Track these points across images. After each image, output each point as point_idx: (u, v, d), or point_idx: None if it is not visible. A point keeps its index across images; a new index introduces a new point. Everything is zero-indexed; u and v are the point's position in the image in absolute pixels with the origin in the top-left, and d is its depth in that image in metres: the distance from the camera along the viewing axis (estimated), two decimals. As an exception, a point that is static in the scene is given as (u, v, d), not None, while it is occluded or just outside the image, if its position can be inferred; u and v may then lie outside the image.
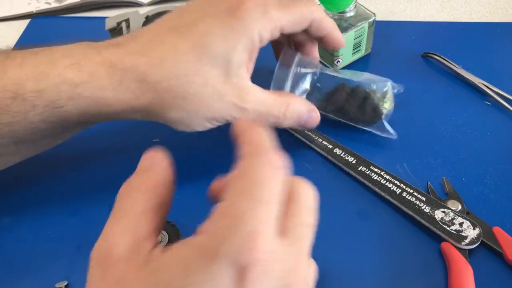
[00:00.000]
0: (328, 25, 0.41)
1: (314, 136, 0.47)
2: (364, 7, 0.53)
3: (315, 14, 0.40)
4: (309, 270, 0.27)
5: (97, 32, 0.59)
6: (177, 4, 0.58)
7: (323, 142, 0.46)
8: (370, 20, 0.52)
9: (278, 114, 0.39)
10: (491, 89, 0.50)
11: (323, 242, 0.40)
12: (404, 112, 0.49)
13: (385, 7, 0.63)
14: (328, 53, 0.53)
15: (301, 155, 0.46)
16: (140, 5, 0.66)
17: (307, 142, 0.47)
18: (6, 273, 0.39)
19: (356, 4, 0.52)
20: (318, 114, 0.42)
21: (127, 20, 0.56)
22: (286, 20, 0.37)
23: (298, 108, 0.40)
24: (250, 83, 0.38)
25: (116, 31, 0.56)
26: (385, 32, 0.58)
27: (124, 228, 0.26)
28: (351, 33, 0.51)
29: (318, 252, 0.39)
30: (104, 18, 0.58)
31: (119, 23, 0.56)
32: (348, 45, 0.52)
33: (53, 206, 0.43)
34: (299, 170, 0.44)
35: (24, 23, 0.65)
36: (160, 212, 0.28)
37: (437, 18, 0.61)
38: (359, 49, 0.54)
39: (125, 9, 0.66)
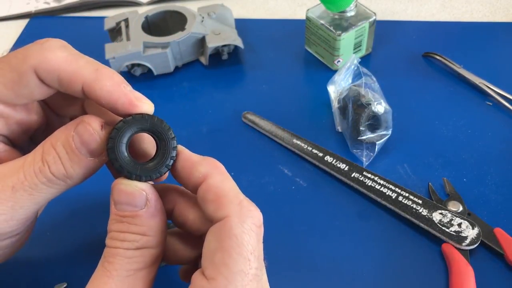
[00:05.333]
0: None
1: (303, 144, 0.46)
2: (364, 6, 0.53)
3: (35, 61, 0.26)
4: None
5: (96, 32, 0.58)
6: (177, 4, 0.58)
7: (313, 150, 0.45)
8: (370, 20, 0.52)
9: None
10: (492, 89, 0.50)
11: (323, 248, 0.40)
12: (404, 112, 0.48)
13: (385, 6, 0.63)
14: (329, 53, 0.53)
15: (288, 163, 0.46)
16: (139, 4, 0.66)
17: (296, 151, 0.46)
18: (5, 275, 0.38)
19: (356, 4, 0.51)
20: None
21: (126, 20, 0.55)
22: None
23: None
24: None
25: (115, 31, 0.56)
26: (386, 31, 0.57)
27: None
28: (352, 33, 0.51)
29: (319, 258, 0.39)
30: (103, 18, 0.58)
31: (118, 23, 0.55)
32: (348, 45, 0.52)
33: (52, 207, 0.42)
34: (290, 182, 0.44)
35: (23, 23, 0.65)
36: (156, 267, 0.26)
37: (438, 18, 0.61)
38: (360, 49, 0.54)
39: (124, 8, 0.65)
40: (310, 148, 0.45)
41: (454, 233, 0.38)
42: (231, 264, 0.23)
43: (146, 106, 0.27)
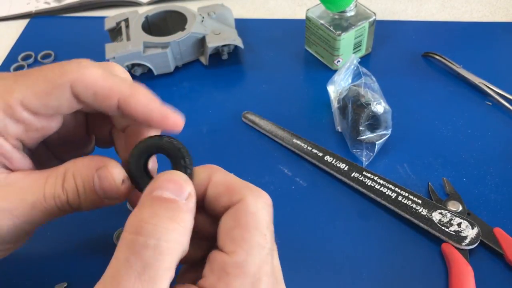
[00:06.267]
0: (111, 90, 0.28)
1: (303, 144, 0.46)
2: (364, 6, 0.53)
3: (76, 75, 0.27)
4: None
5: (96, 32, 0.58)
6: (177, 4, 0.58)
7: (313, 150, 0.45)
8: (370, 20, 0.52)
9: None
10: (491, 89, 0.50)
11: (323, 248, 0.40)
12: (404, 112, 0.48)
13: (385, 6, 0.63)
14: (328, 53, 0.53)
15: (288, 163, 0.46)
16: (139, 4, 0.66)
17: (296, 151, 0.46)
18: (6, 275, 0.38)
19: (356, 4, 0.51)
20: None
21: (126, 20, 0.56)
22: (22, 92, 0.27)
23: None
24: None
25: (115, 31, 0.56)
26: (386, 31, 0.57)
27: None
28: (352, 33, 0.51)
29: (319, 257, 0.39)
30: (103, 18, 0.58)
31: (118, 23, 0.56)
32: (348, 45, 0.52)
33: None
34: (290, 182, 0.44)
35: (24, 22, 0.65)
36: (174, 270, 0.25)
37: (437, 18, 0.61)
38: (360, 49, 0.54)
39: (125, 8, 0.66)
40: (310, 148, 0.46)
41: (454, 233, 0.38)
42: (249, 238, 0.25)
43: (178, 118, 0.29)
